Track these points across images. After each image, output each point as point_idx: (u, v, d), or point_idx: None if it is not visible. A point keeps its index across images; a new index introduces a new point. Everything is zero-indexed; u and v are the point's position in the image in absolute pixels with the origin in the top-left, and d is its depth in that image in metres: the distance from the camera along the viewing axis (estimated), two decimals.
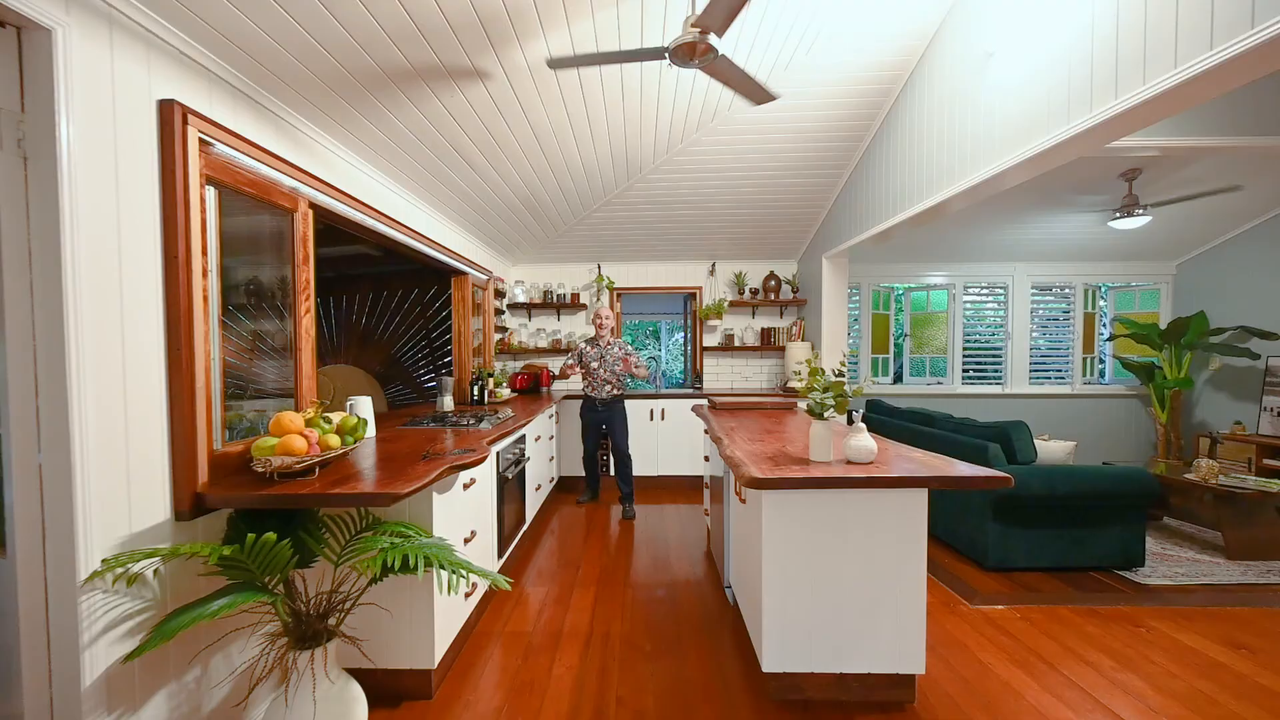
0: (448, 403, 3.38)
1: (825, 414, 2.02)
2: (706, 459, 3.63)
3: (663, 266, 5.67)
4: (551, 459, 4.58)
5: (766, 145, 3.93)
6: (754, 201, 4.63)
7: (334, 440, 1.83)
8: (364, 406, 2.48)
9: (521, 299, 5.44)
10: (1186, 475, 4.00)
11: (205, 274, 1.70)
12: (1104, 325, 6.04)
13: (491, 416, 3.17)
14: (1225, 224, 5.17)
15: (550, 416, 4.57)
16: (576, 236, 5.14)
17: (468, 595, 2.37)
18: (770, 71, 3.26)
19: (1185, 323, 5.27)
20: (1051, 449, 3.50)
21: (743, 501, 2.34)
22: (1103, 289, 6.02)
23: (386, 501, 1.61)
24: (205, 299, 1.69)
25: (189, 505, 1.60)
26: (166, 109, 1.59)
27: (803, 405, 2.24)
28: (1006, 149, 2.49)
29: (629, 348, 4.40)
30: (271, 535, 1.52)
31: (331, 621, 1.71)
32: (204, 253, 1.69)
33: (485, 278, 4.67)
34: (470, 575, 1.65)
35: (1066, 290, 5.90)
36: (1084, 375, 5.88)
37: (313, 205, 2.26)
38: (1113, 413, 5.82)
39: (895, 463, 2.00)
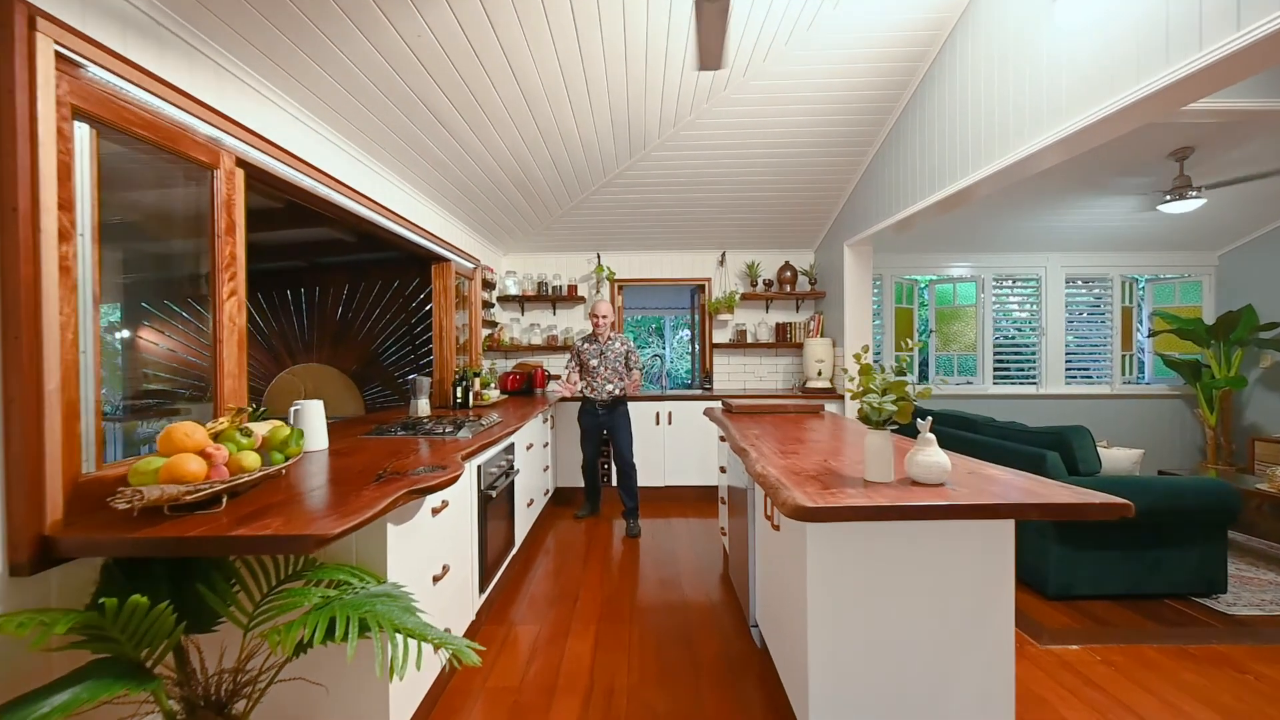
0: (422, 407, 2.94)
1: (884, 422, 1.59)
2: (723, 470, 3.20)
3: (668, 256, 5.23)
4: (546, 469, 4.15)
5: (784, 119, 3.49)
6: (769, 183, 4.19)
7: (250, 460, 1.39)
8: (310, 413, 2.04)
9: (513, 291, 5.00)
10: (1258, 485, 3.57)
11: (68, 236, 1.26)
12: (1140, 320, 5.60)
13: (474, 423, 2.73)
14: (1274, 210, 4.73)
15: (545, 421, 4.13)
16: (574, 222, 4.70)
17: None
18: (792, 30, 2.83)
19: (1235, 317, 4.84)
20: (1115, 458, 3.07)
21: (775, 528, 1.91)
22: (1140, 282, 5.59)
23: (308, 546, 1.18)
24: (68, 269, 1.25)
25: (30, 554, 1.16)
26: (3, 6, 1.15)
27: (840, 410, 1.81)
28: (1060, 117, 2.13)
29: (631, 345, 3.96)
30: (140, 599, 1.09)
31: (241, 707, 1.27)
32: (67, 207, 1.26)
33: (472, 266, 4.23)
34: (426, 642, 1.21)
35: (1102, 283, 5.46)
36: (1122, 374, 5.44)
37: (243, 164, 1.82)
38: (1155, 415, 5.38)
39: (971, 482, 1.57)
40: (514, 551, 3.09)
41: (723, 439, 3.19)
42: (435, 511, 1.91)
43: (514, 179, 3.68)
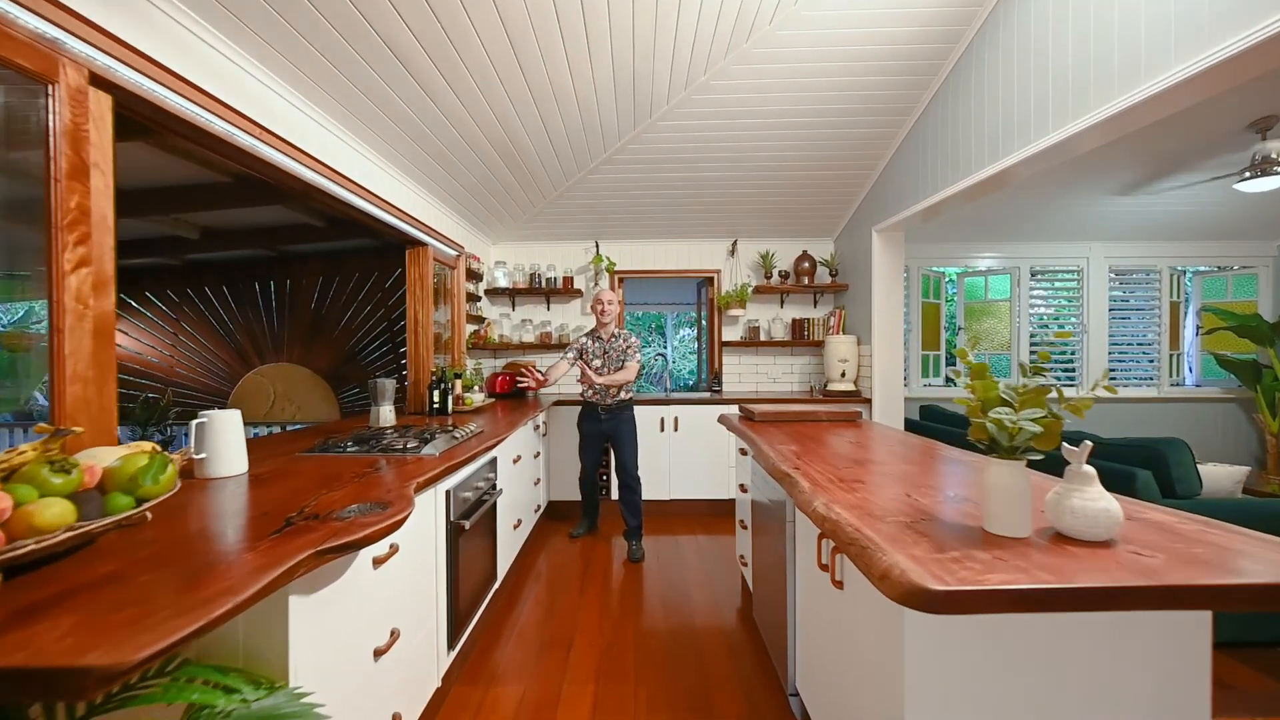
0: (385, 414, 2.43)
1: (1018, 450, 1.09)
2: (743, 489, 2.71)
3: (674, 246, 4.74)
4: (537, 482, 3.65)
5: (813, 79, 3.01)
6: (789, 160, 3.70)
7: (50, 514, 0.88)
8: (217, 429, 1.53)
9: (503, 283, 4.50)
10: None
11: None
12: (1187, 316, 5.14)
13: (447, 434, 2.24)
14: None
15: (536, 428, 3.64)
16: (569, 205, 4.20)
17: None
18: None
19: None
20: (1216, 477, 2.59)
21: (836, 584, 1.42)
22: (1187, 275, 5.12)
23: (76, 689, 0.67)
24: None
25: None
26: None
27: (866, 413, 1.31)
28: (1138, 78, 1.64)
29: (635, 341, 3.47)
30: None
31: None
32: None
33: (454, 254, 3.73)
34: None
35: (1149, 276, 4.99)
36: (1170, 375, 4.98)
37: (108, 85, 1.32)
38: (1207, 419, 4.91)
39: (1146, 536, 1.08)
40: (496, 585, 2.60)
41: (744, 452, 2.70)
42: (379, 561, 1.41)
43: (501, 150, 3.19)
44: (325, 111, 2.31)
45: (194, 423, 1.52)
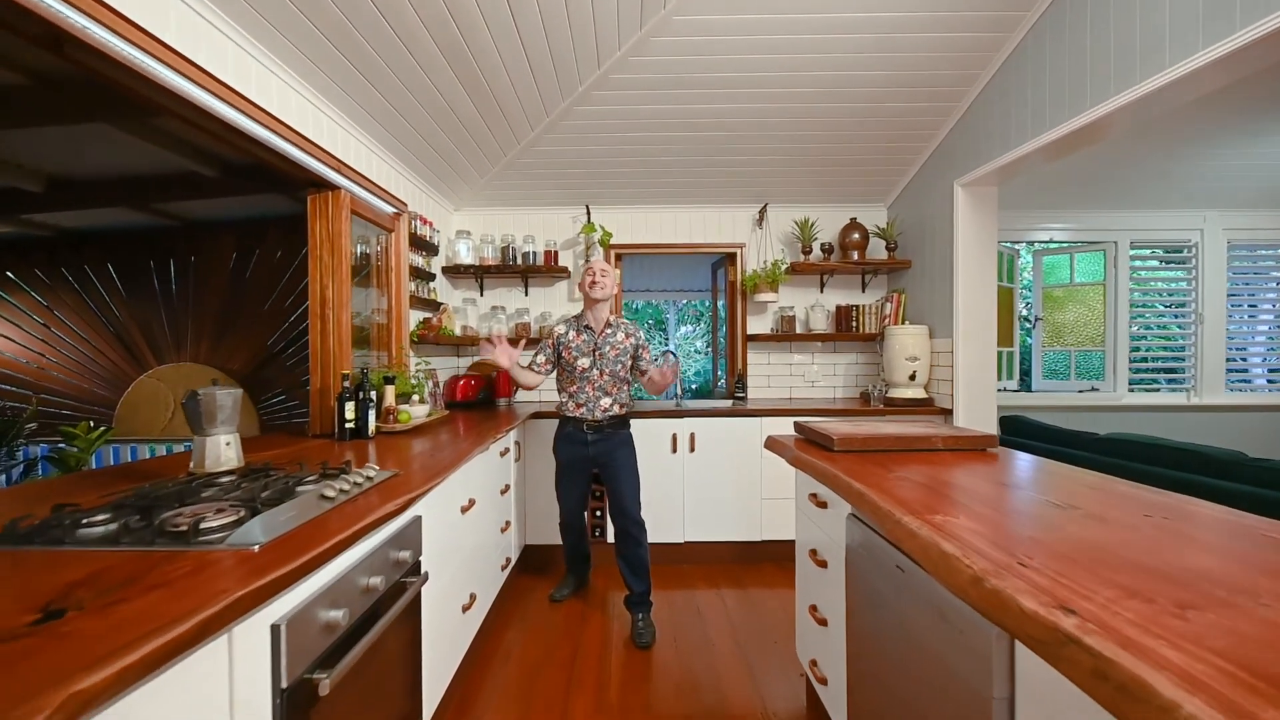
0: (220, 449, 1.40)
1: None
2: (818, 561, 1.72)
3: (684, 214, 3.75)
4: (506, 527, 2.64)
5: None
6: (838, 95, 2.72)
7: None
8: None
9: (467, 258, 3.48)
10: None
11: None
12: None
13: (327, 481, 1.24)
14: None
15: (504, 452, 2.63)
16: (552, 153, 3.20)
17: None
18: None
19: None
20: None
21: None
22: None
23: None
24: None
25: None
26: None
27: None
28: None
29: (641, 337, 2.49)
30: None
31: None
32: None
33: (392, 211, 2.72)
34: None
35: (1274, 252, 4.05)
36: None
37: None
38: None
39: None
40: None
41: (820, 503, 1.72)
42: None
43: (454, 58, 2.17)
44: None
45: None
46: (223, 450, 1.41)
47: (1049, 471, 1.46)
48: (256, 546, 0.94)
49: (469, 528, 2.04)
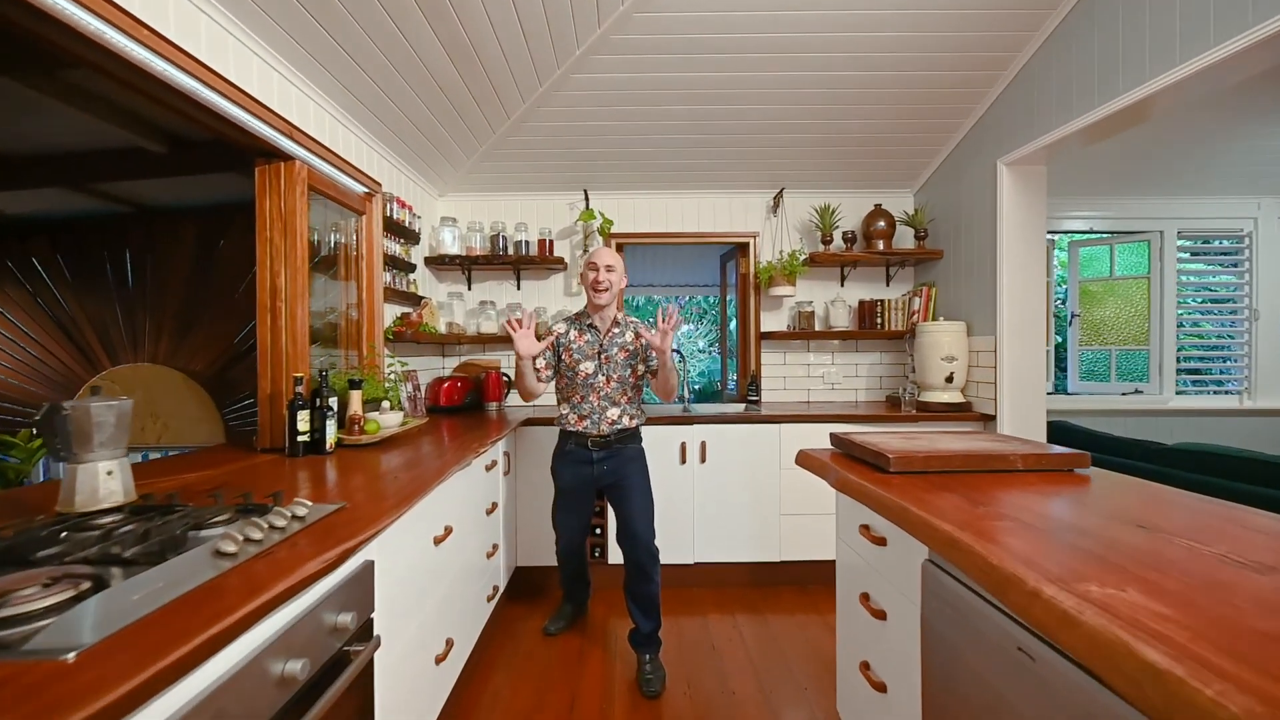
0: (102, 485, 1.07)
1: None
2: (872, 608, 1.39)
3: (691, 200, 3.41)
4: (493, 551, 2.31)
5: None
6: (867, 65, 2.39)
7: None
8: None
9: (452, 247, 3.15)
10: None
11: None
12: None
13: (246, 519, 0.91)
14: None
15: (491, 465, 2.30)
16: (545, 129, 2.86)
17: None
18: None
19: None
20: None
21: None
22: None
23: None
24: None
25: None
26: None
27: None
28: None
29: (651, 333, 2.15)
30: None
31: None
32: None
33: (363, 191, 2.38)
34: None
35: None
36: None
37: None
38: None
39: None
40: None
41: (876, 539, 1.39)
42: None
43: (435, 15, 1.84)
44: None
45: None
46: (102, 481, 1.07)
47: (1184, 506, 1.13)
48: (73, 655, 0.61)
49: (445, 562, 1.71)
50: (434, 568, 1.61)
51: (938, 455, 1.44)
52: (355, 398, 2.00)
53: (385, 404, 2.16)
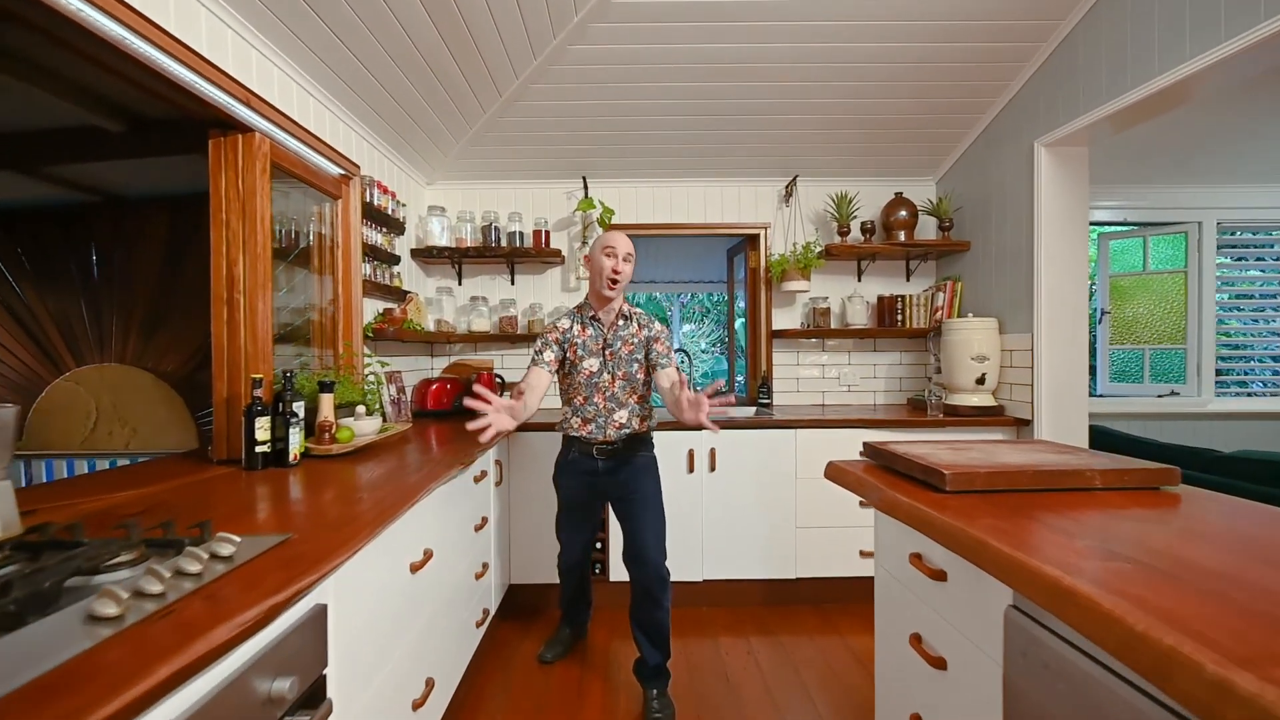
0: None
1: None
2: (930, 656, 1.16)
3: (697, 188, 3.19)
4: (484, 571, 2.08)
5: None
6: (890, 33, 2.17)
7: None
8: None
9: (440, 238, 2.92)
10: None
11: None
12: None
13: (153, 561, 0.70)
14: None
15: (480, 476, 2.07)
16: (540, 108, 2.64)
17: None
18: None
19: None
20: None
21: None
22: None
23: None
24: None
25: None
26: None
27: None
28: None
29: (657, 327, 1.93)
30: None
31: None
32: None
33: (338, 173, 2.16)
34: None
35: None
36: None
37: None
38: None
39: None
40: None
41: (935, 573, 1.17)
42: None
43: None
44: None
45: None
46: None
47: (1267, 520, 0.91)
48: None
49: (425, 591, 1.48)
50: (411, 599, 1.39)
51: (1002, 471, 1.22)
52: (326, 402, 1.77)
53: (361, 408, 1.93)
